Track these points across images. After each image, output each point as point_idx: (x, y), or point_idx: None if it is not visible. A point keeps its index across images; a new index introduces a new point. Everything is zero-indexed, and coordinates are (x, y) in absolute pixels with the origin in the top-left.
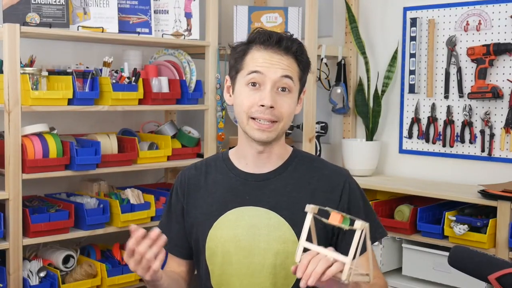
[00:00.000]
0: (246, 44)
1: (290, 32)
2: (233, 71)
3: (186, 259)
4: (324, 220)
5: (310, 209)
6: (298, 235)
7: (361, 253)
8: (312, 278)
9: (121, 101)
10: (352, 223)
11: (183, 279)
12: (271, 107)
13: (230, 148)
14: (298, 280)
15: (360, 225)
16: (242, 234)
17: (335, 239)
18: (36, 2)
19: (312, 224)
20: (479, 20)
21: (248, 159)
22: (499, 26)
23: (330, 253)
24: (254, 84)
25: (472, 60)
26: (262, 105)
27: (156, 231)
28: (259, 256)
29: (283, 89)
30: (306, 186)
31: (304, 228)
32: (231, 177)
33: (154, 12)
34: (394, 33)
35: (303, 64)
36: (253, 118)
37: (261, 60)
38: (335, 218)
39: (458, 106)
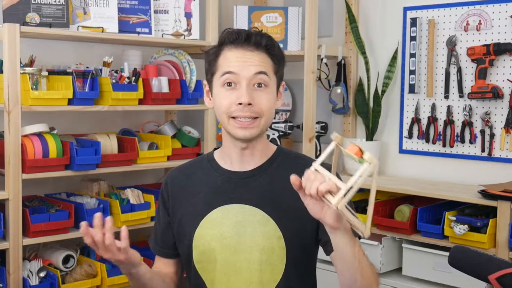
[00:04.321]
0: (218, 47)
1: (290, 32)
2: (208, 74)
3: (173, 259)
4: (342, 149)
5: (335, 138)
6: (283, 231)
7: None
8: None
9: (121, 101)
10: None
11: (171, 279)
12: (249, 104)
13: (215, 149)
14: (284, 276)
15: (370, 158)
16: (227, 232)
17: (318, 229)
18: (36, 2)
19: (335, 154)
20: (479, 20)
21: (232, 157)
22: (499, 26)
23: (332, 176)
24: (229, 84)
25: (472, 60)
26: (240, 103)
27: (96, 215)
28: (245, 253)
29: (259, 85)
30: (290, 182)
31: (323, 153)
32: (215, 176)
33: (154, 12)
34: (394, 33)
35: (277, 57)
36: (234, 118)
37: (233, 59)
38: (353, 149)
39: (458, 106)
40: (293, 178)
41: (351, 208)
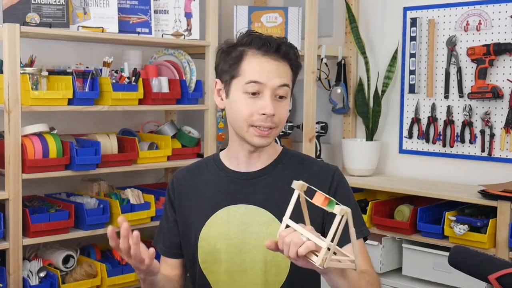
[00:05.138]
0: (240, 48)
1: (290, 32)
2: (226, 75)
3: (179, 259)
4: (308, 199)
5: (297, 186)
6: None
7: (345, 242)
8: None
9: (121, 101)
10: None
11: (177, 283)
12: (273, 115)
13: (221, 150)
14: (289, 276)
15: (340, 211)
16: (233, 232)
17: (324, 226)
18: (36, 2)
19: (303, 202)
20: (479, 20)
21: (239, 159)
22: (499, 26)
23: (307, 233)
24: (253, 93)
25: (472, 60)
26: (263, 114)
27: (124, 226)
28: (250, 253)
29: (280, 97)
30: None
31: (290, 205)
32: (221, 176)
33: (154, 12)
34: (394, 33)
35: (295, 67)
36: (253, 126)
37: (258, 68)
38: (319, 199)
39: (458, 106)
40: (268, 243)
41: (337, 250)
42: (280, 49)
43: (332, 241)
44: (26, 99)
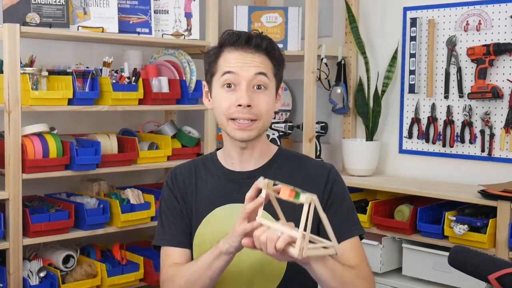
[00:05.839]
0: (218, 48)
1: (290, 32)
2: (208, 75)
3: (190, 249)
4: (276, 195)
5: (263, 184)
6: None
7: (345, 238)
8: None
9: (121, 101)
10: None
11: None
12: (248, 105)
13: (218, 149)
14: (285, 276)
15: (306, 199)
16: (229, 231)
17: (319, 226)
18: (36, 2)
19: (272, 198)
20: (479, 20)
21: (233, 158)
22: (499, 26)
23: (281, 227)
24: (229, 85)
25: (472, 60)
26: (239, 105)
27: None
28: (246, 253)
29: (259, 87)
30: (291, 182)
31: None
32: (219, 175)
33: (154, 12)
34: (394, 33)
35: (276, 59)
36: (233, 119)
37: (233, 61)
38: (285, 193)
39: (458, 106)
40: (245, 241)
41: (314, 239)
42: (250, 40)
43: (305, 229)
44: (26, 99)
